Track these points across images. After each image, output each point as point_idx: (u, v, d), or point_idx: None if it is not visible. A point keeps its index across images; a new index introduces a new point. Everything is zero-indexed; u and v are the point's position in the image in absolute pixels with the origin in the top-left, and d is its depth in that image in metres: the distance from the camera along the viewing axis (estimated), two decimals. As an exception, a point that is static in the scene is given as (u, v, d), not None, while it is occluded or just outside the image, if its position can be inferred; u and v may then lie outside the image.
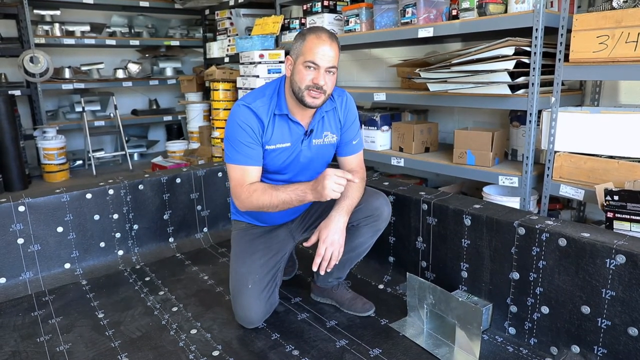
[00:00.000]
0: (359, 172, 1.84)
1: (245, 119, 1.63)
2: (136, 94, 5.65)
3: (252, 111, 1.64)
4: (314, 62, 1.56)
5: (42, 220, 2.14)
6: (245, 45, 3.62)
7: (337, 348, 1.65)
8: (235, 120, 1.64)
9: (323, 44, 1.56)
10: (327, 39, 1.57)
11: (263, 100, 1.67)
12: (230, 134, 1.66)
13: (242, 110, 1.64)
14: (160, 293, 2.07)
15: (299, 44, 1.60)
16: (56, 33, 4.68)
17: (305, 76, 1.58)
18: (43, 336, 1.76)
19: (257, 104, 1.65)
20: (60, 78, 4.75)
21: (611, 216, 1.75)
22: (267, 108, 1.66)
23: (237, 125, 1.64)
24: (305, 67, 1.57)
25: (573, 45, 1.95)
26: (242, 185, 1.65)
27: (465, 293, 1.83)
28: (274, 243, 1.85)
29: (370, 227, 1.79)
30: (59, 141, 4.44)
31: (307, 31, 1.61)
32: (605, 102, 2.36)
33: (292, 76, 1.63)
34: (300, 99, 1.62)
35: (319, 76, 1.57)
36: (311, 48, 1.56)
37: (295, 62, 1.62)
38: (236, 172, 1.66)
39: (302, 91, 1.59)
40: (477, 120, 2.99)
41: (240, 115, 1.64)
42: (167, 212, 2.50)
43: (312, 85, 1.58)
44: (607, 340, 1.43)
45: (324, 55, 1.56)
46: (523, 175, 2.16)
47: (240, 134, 1.63)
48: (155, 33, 5.45)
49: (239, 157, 1.65)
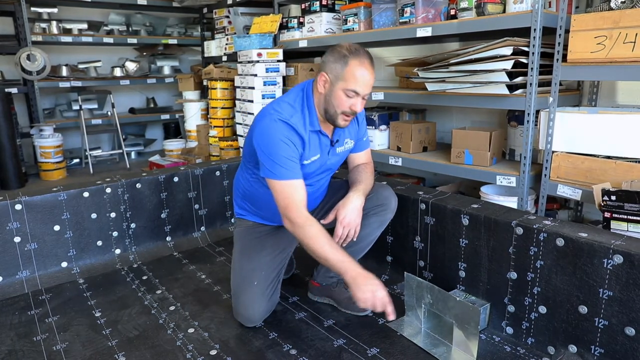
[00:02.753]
0: (369, 164, 1.90)
1: (287, 135, 1.59)
2: (134, 93, 5.64)
3: (292, 127, 1.59)
4: (356, 91, 1.55)
5: (39, 218, 2.13)
6: (243, 44, 3.62)
7: (335, 347, 1.65)
8: (278, 137, 1.58)
9: (366, 72, 1.55)
10: (370, 66, 1.56)
11: (297, 116, 1.62)
12: (272, 150, 1.58)
13: (282, 126, 1.58)
14: (157, 292, 2.07)
15: (339, 67, 1.56)
16: (53, 31, 4.67)
17: (344, 102, 1.58)
18: (40, 335, 1.75)
19: (294, 120, 1.60)
20: (58, 76, 4.74)
21: (608, 216, 1.75)
22: (303, 124, 1.62)
23: (281, 141, 1.58)
24: (345, 94, 1.56)
25: (571, 46, 1.96)
26: (295, 204, 1.59)
27: (462, 292, 1.83)
28: (282, 239, 1.86)
29: (379, 217, 1.82)
30: (55, 139, 4.43)
31: (349, 54, 1.55)
32: (603, 103, 2.37)
33: (327, 96, 1.60)
34: (331, 121, 1.63)
35: (357, 103, 1.58)
36: (354, 75, 1.54)
37: (333, 85, 1.58)
38: (285, 189, 1.59)
39: (337, 115, 1.60)
40: (475, 120, 2.99)
41: (282, 131, 1.58)
42: (164, 211, 2.49)
43: (349, 111, 1.59)
44: (604, 339, 1.43)
45: (365, 84, 1.56)
46: (521, 175, 2.16)
47: (284, 150, 1.58)
48: (153, 31, 5.43)
49: (287, 173, 1.58)
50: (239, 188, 1.91)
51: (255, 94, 3.46)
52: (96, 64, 5.11)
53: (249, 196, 1.86)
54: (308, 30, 3.36)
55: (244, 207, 1.91)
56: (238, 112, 3.76)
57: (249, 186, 1.84)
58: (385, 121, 2.89)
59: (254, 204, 1.86)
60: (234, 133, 4.11)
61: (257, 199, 1.84)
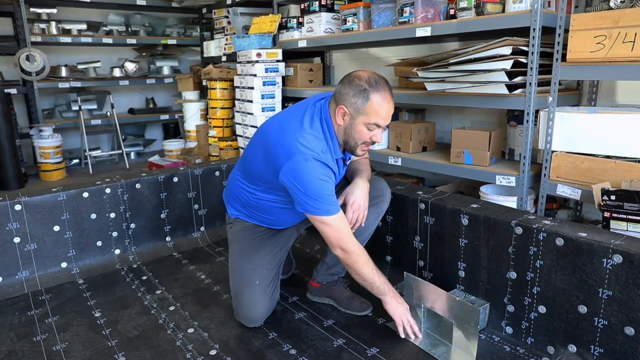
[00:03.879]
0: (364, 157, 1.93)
1: (324, 173, 1.58)
2: (133, 93, 5.64)
3: (326, 165, 1.59)
4: (378, 124, 1.57)
5: (38, 219, 2.13)
6: (243, 44, 3.62)
7: (335, 347, 1.65)
8: (317, 176, 1.56)
9: (388, 106, 1.55)
10: (391, 99, 1.56)
11: (325, 148, 1.61)
12: (314, 190, 1.57)
13: (317, 165, 1.57)
14: (157, 292, 2.07)
15: (360, 101, 1.54)
16: (52, 31, 4.67)
17: (366, 135, 1.59)
18: (39, 335, 1.75)
19: (326, 157, 1.59)
20: (57, 76, 4.74)
21: (608, 216, 1.75)
22: (330, 155, 1.63)
23: (320, 180, 1.57)
24: (367, 128, 1.57)
25: (570, 45, 1.96)
26: (348, 234, 1.63)
27: (462, 292, 1.83)
28: (281, 237, 1.88)
29: (376, 208, 1.85)
30: (55, 140, 4.43)
31: (370, 88, 1.53)
32: (603, 102, 2.37)
33: (347, 129, 1.60)
34: (350, 151, 1.66)
35: (378, 135, 1.60)
36: (377, 111, 1.54)
37: (354, 118, 1.57)
38: (336, 223, 1.61)
39: (357, 146, 1.62)
40: (475, 120, 2.99)
41: (318, 170, 1.57)
42: (164, 211, 2.49)
43: (370, 142, 1.62)
44: (604, 339, 1.43)
45: (387, 117, 1.57)
46: (520, 174, 2.16)
47: (325, 188, 1.58)
48: (153, 31, 5.43)
49: (333, 208, 1.60)
50: (237, 196, 1.88)
51: (254, 94, 3.46)
52: (95, 65, 5.11)
53: (254, 206, 1.83)
54: (307, 30, 3.36)
55: (243, 211, 1.89)
56: (237, 112, 3.76)
57: (255, 198, 1.81)
58: (385, 121, 2.89)
59: (261, 212, 1.85)
60: (234, 133, 4.11)
61: (264, 209, 1.82)
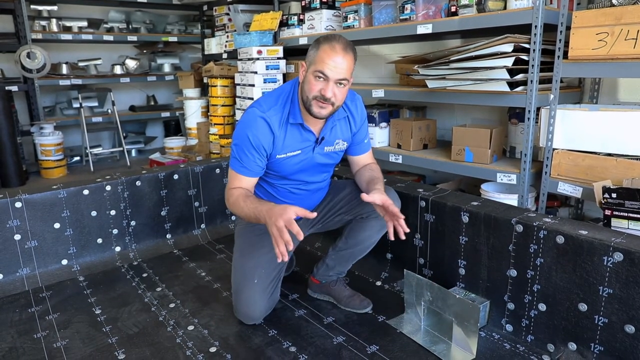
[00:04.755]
0: (376, 164, 1.91)
1: (257, 133, 1.60)
2: (134, 90, 5.63)
3: (266, 122, 1.60)
4: (324, 72, 1.53)
5: (39, 216, 2.13)
6: (244, 41, 3.61)
7: (335, 345, 1.65)
8: (246, 132, 1.60)
9: (335, 55, 1.52)
10: (341, 50, 1.53)
11: (276, 108, 1.63)
12: (238, 140, 1.63)
13: (256, 122, 1.60)
14: (157, 289, 2.07)
15: (312, 52, 1.57)
16: (53, 28, 4.66)
17: (313, 86, 1.55)
18: (40, 332, 1.75)
19: (270, 113, 1.61)
20: (58, 74, 4.73)
21: (609, 214, 1.75)
22: (279, 117, 1.63)
23: (247, 136, 1.60)
24: (315, 77, 1.55)
25: (572, 42, 1.95)
26: (231, 189, 1.68)
27: (462, 290, 1.82)
28: None
29: (379, 221, 1.78)
30: (56, 137, 4.42)
31: (323, 39, 1.56)
32: (604, 100, 2.36)
33: (302, 84, 1.61)
34: (307, 109, 1.60)
35: (327, 88, 1.54)
36: (323, 58, 1.52)
37: (307, 70, 1.59)
38: (232, 178, 1.69)
39: (309, 100, 1.58)
40: (476, 117, 2.99)
41: (252, 128, 1.60)
42: (164, 209, 2.49)
43: (320, 96, 1.56)
44: (604, 337, 1.43)
45: (335, 67, 1.52)
46: (521, 172, 2.16)
47: (247, 146, 1.61)
48: (153, 29, 5.42)
49: (239, 167, 1.65)
50: None
51: (255, 91, 3.45)
52: (96, 62, 5.10)
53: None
54: (308, 27, 3.35)
55: None
56: (238, 110, 3.76)
57: None
58: (386, 118, 2.89)
59: None
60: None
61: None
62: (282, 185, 1.78)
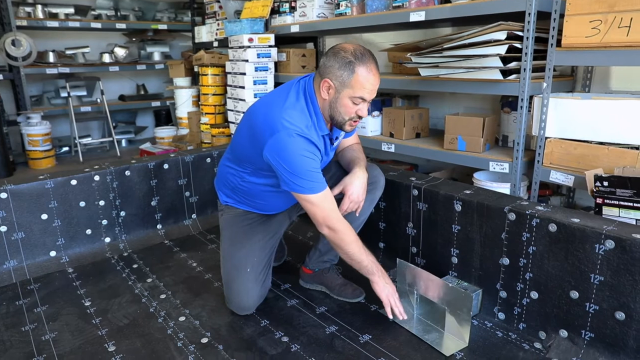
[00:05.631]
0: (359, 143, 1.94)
1: (308, 149, 1.55)
2: (123, 79, 5.55)
3: (310, 141, 1.55)
4: (364, 98, 1.53)
5: (25, 207, 2.09)
6: (234, 29, 3.55)
7: (327, 334, 1.64)
8: (300, 153, 1.53)
9: (374, 79, 1.52)
10: (377, 71, 1.53)
11: (309, 124, 1.57)
12: (298, 167, 1.53)
13: (301, 140, 1.53)
14: (148, 280, 2.05)
15: (345, 74, 1.50)
16: (39, 15, 4.55)
17: (351, 110, 1.56)
18: (28, 325, 1.73)
19: (310, 132, 1.56)
20: (44, 62, 4.65)
21: (600, 202, 1.75)
22: (315, 132, 1.59)
23: (304, 157, 1.53)
24: (353, 101, 1.54)
25: (566, 30, 1.93)
26: (334, 212, 1.60)
27: (455, 279, 1.83)
28: (272, 224, 1.86)
29: (370, 195, 1.81)
30: (43, 127, 4.35)
31: (356, 60, 1.49)
32: (596, 88, 2.36)
33: (332, 103, 1.57)
34: (338, 126, 1.62)
35: (364, 109, 1.57)
36: (363, 84, 1.50)
37: (339, 92, 1.53)
38: (321, 201, 1.58)
39: (345, 121, 1.58)
40: (468, 106, 2.98)
41: (302, 146, 1.53)
42: (154, 199, 2.46)
43: (356, 117, 1.58)
44: (595, 324, 1.44)
45: (373, 91, 1.54)
46: (514, 161, 2.15)
47: (310, 165, 1.54)
48: (143, 16, 5.33)
49: (318, 186, 1.56)
50: (227, 181, 1.86)
51: (246, 80, 3.41)
52: (84, 50, 5.01)
53: (243, 190, 1.81)
54: (300, 15, 3.31)
55: (233, 197, 1.87)
56: (229, 99, 3.71)
57: (243, 181, 1.79)
58: (378, 107, 2.87)
59: (248, 197, 1.83)
60: (226, 120, 4.06)
61: (253, 193, 1.80)
62: None
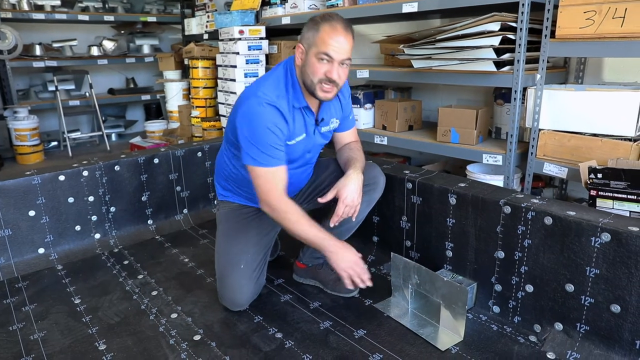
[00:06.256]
0: (358, 142, 1.89)
1: (274, 122, 1.53)
2: (112, 73, 5.47)
3: (279, 111, 1.54)
4: (328, 54, 1.50)
5: (12, 203, 2.05)
6: (225, 21, 3.50)
7: (321, 330, 1.63)
8: (263, 123, 1.52)
9: (338, 35, 1.49)
10: (342, 30, 1.50)
11: (282, 95, 1.57)
12: (257, 137, 1.53)
13: (269, 111, 1.53)
14: (139, 277, 2.02)
15: (311, 34, 1.52)
16: (24, 7, 4.47)
17: (318, 69, 1.52)
18: (16, 324, 1.69)
19: (280, 102, 1.55)
20: (31, 55, 4.56)
21: (594, 194, 1.74)
22: (287, 103, 1.58)
23: (267, 128, 1.52)
24: (319, 60, 1.51)
25: (559, 21, 1.92)
26: (277, 190, 1.57)
27: (450, 272, 1.82)
28: (267, 221, 1.81)
29: (367, 196, 1.75)
30: (31, 122, 4.29)
31: (321, 20, 1.52)
32: (589, 80, 2.35)
33: (303, 67, 1.56)
34: (311, 92, 1.57)
35: (332, 70, 1.52)
36: (325, 39, 1.49)
37: (307, 53, 1.54)
38: (268, 176, 1.56)
39: (314, 84, 1.54)
40: (461, 98, 2.96)
41: (268, 118, 1.53)
42: (145, 194, 2.42)
43: (325, 78, 1.53)
44: (590, 317, 1.43)
45: (339, 48, 1.50)
46: (507, 153, 2.14)
47: (270, 138, 1.53)
48: (131, 8, 5.25)
49: (271, 161, 1.55)
50: (221, 169, 1.86)
51: (237, 72, 3.37)
52: (71, 43, 4.93)
53: (234, 177, 1.81)
54: (291, 6, 3.27)
55: (228, 187, 1.86)
56: (220, 92, 3.67)
57: (233, 167, 1.78)
58: (371, 100, 2.84)
59: (239, 185, 1.81)
60: (217, 113, 4.02)
61: (242, 180, 1.78)
62: None
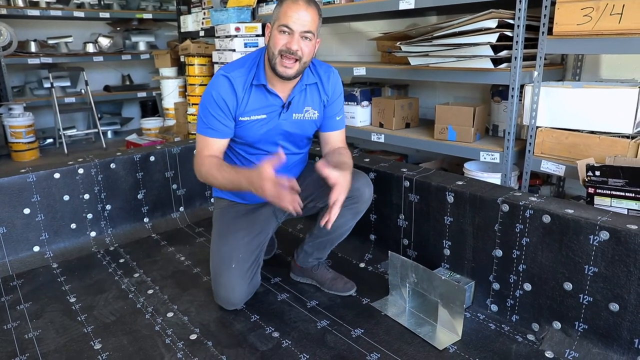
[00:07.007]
0: (346, 148, 1.82)
1: (220, 91, 1.61)
2: (108, 70, 5.44)
3: (230, 81, 1.61)
4: (288, 25, 1.52)
5: (6, 201, 2.03)
6: (221, 18, 3.48)
7: (319, 329, 1.62)
8: (211, 91, 1.62)
9: (298, 8, 1.52)
10: (303, 3, 1.53)
11: (242, 70, 1.64)
12: (203, 103, 1.64)
13: (220, 81, 1.62)
14: (135, 275, 2.00)
15: (276, 10, 1.57)
16: (19, 3, 4.43)
17: (278, 40, 1.55)
18: (11, 323, 1.68)
19: (235, 74, 1.62)
20: (26, 52, 4.53)
21: (592, 192, 1.74)
22: (244, 79, 1.63)
23: (211, 96, 1.62)
24: (280, 32, 1.54)
25: (557, 18, 1.91)
26: (202, 155, 1.64)
27: (447, 271, 1.81)
28: (258, 222, 1.79)
29: (350, 209, 1.70)
30: (26, 119, 4.25)
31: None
32: (587, 77, 2.34)
33: (268, 43, 1.60)
34: (273, 68, 1.58)
35: (292, 41, 1.53)
36: (286, 12, 1.53)
37: (272, 28, 1.59)
38: (200, 142, 1.66)
39: (275, 57, 1.56)
40: (459, 95, 2.95)
41: (216, 87, 1.62)
42: (141, 192, 2.41)
43: (285, 50, 1.53)
44: (588, 315, 1.43)
45: (298, 19, 1.52)
46: (504, 151, 2.14)
47: (212, 106, 1.62)
48: (127, 5, 5.22)
49: (205, 129, 1.64)
50: None
51: (234, 69, 3.35)
52: (67, 40, 4.89)
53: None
54: (288, 3, 3.24)
55: None
56: (217, 89, 3.65)
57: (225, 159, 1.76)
58: (367, 97, 2.83)
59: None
60: (213, 111, 3.99)
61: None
62: (251, 157, 1.74)
